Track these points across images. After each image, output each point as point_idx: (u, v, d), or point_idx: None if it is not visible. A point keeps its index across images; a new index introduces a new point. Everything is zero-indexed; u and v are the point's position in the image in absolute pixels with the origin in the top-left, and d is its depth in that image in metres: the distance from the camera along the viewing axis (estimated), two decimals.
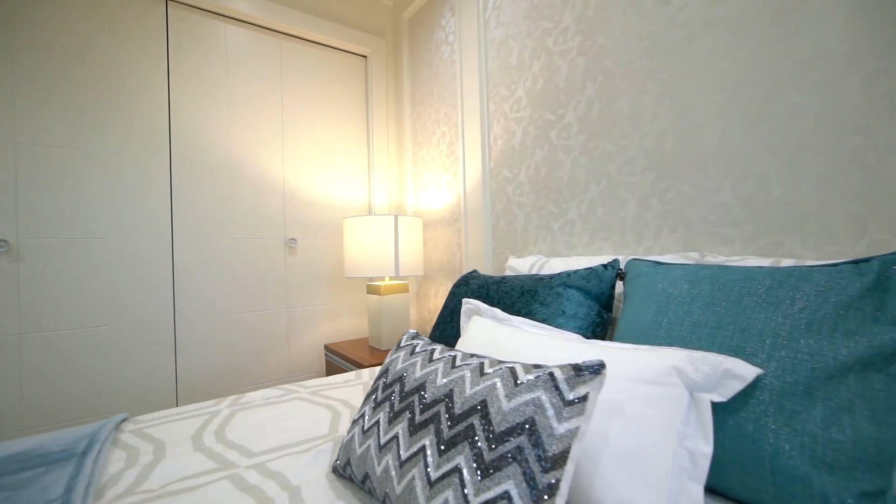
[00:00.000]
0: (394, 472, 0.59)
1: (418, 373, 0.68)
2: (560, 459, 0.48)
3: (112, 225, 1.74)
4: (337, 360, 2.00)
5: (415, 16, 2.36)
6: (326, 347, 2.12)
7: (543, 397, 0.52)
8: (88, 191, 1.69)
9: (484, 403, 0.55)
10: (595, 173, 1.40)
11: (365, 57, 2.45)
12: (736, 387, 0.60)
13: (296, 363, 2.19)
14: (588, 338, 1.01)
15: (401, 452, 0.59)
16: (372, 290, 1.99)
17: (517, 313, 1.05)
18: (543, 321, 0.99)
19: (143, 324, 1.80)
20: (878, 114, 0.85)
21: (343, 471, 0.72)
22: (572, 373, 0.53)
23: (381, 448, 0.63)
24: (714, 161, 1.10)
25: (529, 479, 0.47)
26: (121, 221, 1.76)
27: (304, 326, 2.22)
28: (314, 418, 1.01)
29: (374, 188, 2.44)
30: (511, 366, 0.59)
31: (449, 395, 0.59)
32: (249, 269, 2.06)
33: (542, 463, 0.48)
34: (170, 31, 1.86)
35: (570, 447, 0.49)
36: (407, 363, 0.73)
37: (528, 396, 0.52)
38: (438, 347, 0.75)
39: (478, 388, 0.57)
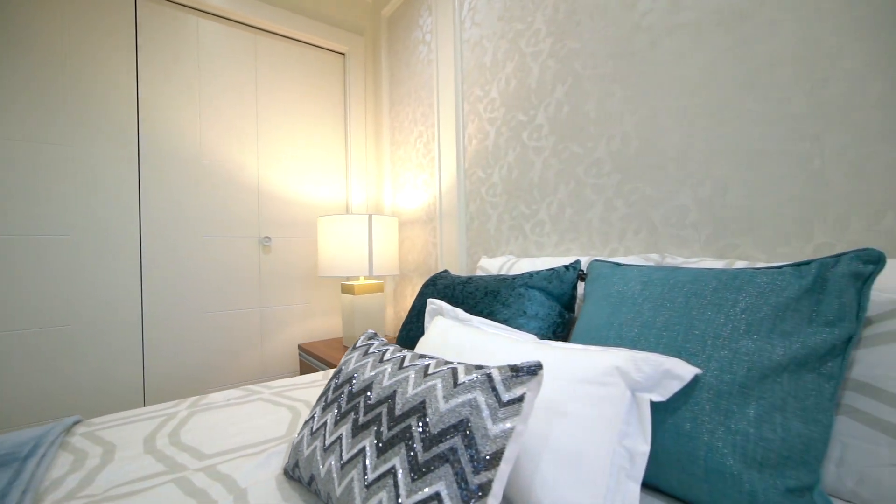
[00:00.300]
0: (335, 474, 0.58)
1: (368, 374, 0.68)
2: (493, 460, 0.49)
3: (78, 222, 1.69)
4: (310, 361, 1.98)
5: (393, 14, 2.35)
6: (300, 347, 2.10)
7: (480, 398, 0.52)
8: (53, 187, 1.65)
9: (423, 404, 0.55)
10: (564, 175, 1.41)
11: (343, 54, 2.43)
12: (675, 386, 0.62)
13: (269, 363, 2.16)
14: (548, 338, 1.01)
15: (343, 454, 0.59)
16: (346, 290, 1.98)
17: (480, 313, 1.06)
18: (505, 321, 1.00)
19: (109, 323, 1.75)
20: (823, 121, 0.88)
21: (292, 472, 0.71)
22: (510, 374, 0.53)
23: (326, 449, 0.63)
24: (675, 164, 1.12)
25: (461, 480, 0.47)
26: (87, 218, 1.71)
27: (277, 326, 2.19)
28: (274, 419, 1.00)
29: (351, 187, 2.42)
30: (454, 367, 0.59)
31: (392, 396, 0.59)
32: (222, 267, 2.02)
33: (475, 464, 0.48)
34: (139, 24, 1.82)
35: (504, 448, 0.49)
36: (359, 364, 0.73)
37: (464, 397, 0.52)
38: (391, 348, 0.74)
39: (419, 388, 0.57)
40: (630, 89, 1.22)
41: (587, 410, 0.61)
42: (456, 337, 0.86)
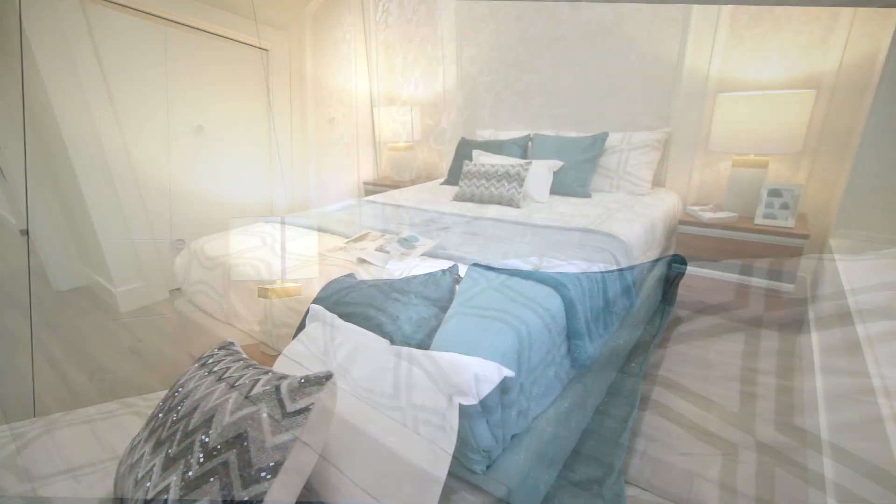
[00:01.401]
0: (130, 492, 0.56)
1: (189, 387, 0.66)
2: (267, 472, 0.48)
3: None
4: None
5: (317, 11, 2.30)
6: None
7: (263, 410, 0.52)
8: None
9: (212, 417, 0.54)
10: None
11: (266, 50, 2.35)
12: (486, 389, 0.64)
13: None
14: (424, 342, 1.02)
15: (139, 472, 0.57)
16: (261, 294, 1.92)
17: (358, 318, 1.05)
18: (378, 326, 1.00)
19: None
20: (674, 130, 0.93)
21: (116, 491, 0.68)
22: (297, 385, 0.53)
23: (132, 467, 0.60)
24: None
25: (226, 495, 0.47)
26: None
27: (195, 332, 2.10)
28: (132, 434, 0.96)
29: (276, 187, 2.35)
30: (257, 378, 0.58)
31: (193, 411, 0.58)
32: (132, 271, 1.91)
33: (246, 477, 0.48)
34: (22, 10, 1.68)
35: (284, 459, 0.49)
36: (188, 377, 0.71)
37: (248, 410, 0.52)
38: (228, 359, 0.73)
39: (217, 402, 0.56)
40: (519, 96, 1.25)
41: (402, 416, 0.62)
42: (315, 343, 0.86)
